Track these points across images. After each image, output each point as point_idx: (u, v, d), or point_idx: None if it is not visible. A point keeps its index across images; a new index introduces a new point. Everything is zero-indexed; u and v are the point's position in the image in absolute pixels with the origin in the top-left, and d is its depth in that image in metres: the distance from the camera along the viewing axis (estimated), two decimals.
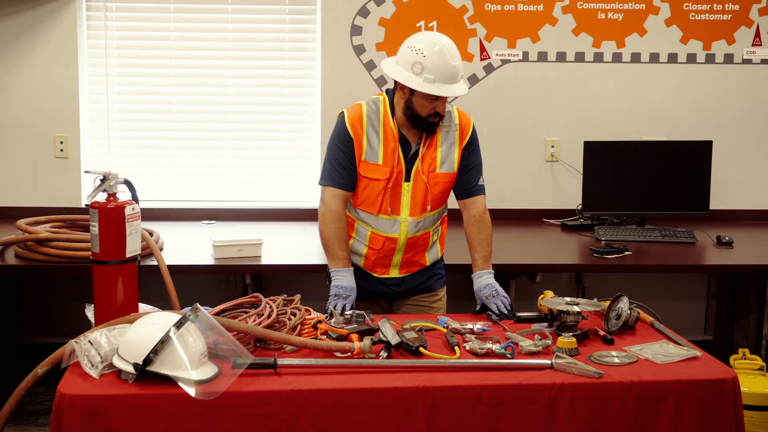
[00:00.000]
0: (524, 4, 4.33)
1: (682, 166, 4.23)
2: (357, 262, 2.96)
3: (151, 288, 2.84)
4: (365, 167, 2.84)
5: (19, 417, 3.73)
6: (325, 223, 2.89)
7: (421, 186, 2.86)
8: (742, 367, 3.45)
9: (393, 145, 2.82)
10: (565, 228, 4.27)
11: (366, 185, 2.86)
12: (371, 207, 2.89)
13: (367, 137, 2.82)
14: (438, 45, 2.71)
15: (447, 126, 2.87)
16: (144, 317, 2.20)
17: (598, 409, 2.17)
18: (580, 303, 2.54)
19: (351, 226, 2.95)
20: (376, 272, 2.98)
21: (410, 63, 2.71)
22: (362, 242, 2.94)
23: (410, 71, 2.71)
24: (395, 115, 2.83)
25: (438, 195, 2.90)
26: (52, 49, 4.20)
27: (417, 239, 2.94)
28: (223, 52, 4.36)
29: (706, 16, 4.39)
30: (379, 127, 2.83)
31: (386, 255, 2.94)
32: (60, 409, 2.02)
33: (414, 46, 2.72)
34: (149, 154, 4.42)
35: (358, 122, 2.83)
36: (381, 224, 2.90)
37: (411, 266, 3.00)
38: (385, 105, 2.85)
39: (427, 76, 2.68)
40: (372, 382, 2.15)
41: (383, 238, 2.91)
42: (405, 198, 2.86)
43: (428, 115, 2.75)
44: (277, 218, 4.35)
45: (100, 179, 2.39)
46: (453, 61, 2.71)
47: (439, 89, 2.69)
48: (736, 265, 3.73)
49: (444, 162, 2.87)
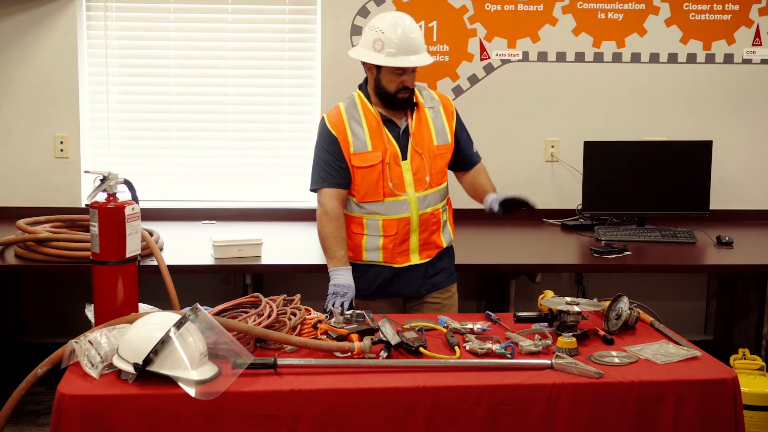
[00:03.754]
0: (524, 4, 4.33)
1: (682, 166, 4.23)
2: (376, 258, 2.97)
3: (151, 288, 2.84)
4: (357, 158, 2.91)
5: (19, 417, 3.72)
6: (321, 223, 2.94)
7: (419, 161, 2.93)
8: (742, 367, 3.45)
9: (378, 128, 2.91)
10: (565, 228, 4.27)
11: (363, 176, 2.91)
12: (375, 194, 2.92)
13: (350, 130, 2.92)
14: (395, 19, 2.87)
15: (430, 103, 2.99)
16: (144, 317, 2.20)
17: (598, 409, 2.17)
18: (580, 303, 2.54)
19: (360, 225, 2.96)
20: (397, 262, 2.97)
21: (371, 42, 2.87)
22: (376, 234, 2.95)
23: (372, 49, 2.85)
24: (372, 101, 2.95)
25: (440, 168, 2.99)
26: (52, 49, 4.20)
27: (428, 217, 2.97)
28: (223, 52, 4.35)
29: (706, 16, 4.39)
30: (359, 117, 2.94)
31: (403, 239, 2.95)
32: (60, 409, 2.02)
33: (373, 25, 2.88)
34: (149, 154, 4.41)
35: (338, 120, 2.94)
36: (390, 208, 2.92)
37: (429, 248, 3.00)
38: (360, 96, 2.99)
39: (388, 50, 2.83)
40: (372, 382, 2.15)
41: (396, 221, 2.93)
42: (407, 176, 2.93)
43: (397, 90, 2.87)
44: (277, 218, 4.35)
45: (100, 179, 2.39)
46: (411, 33, 2.85)
47: (400, 61, 2.83)
48: (736, 265, 3.72)
49: (439, 135, 2.98)
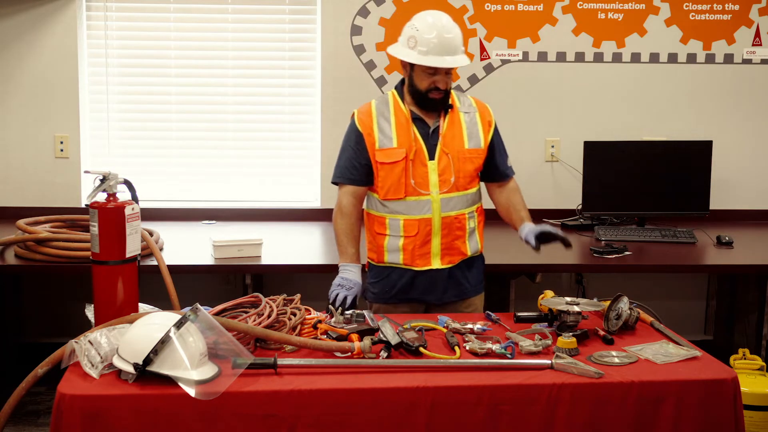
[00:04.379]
0: (524, 4, 4.33)
1: (682, 166, 4.23)
2: (396, 260, 2.93)
3: (151, 288, 2.84)
4: (381, 154, 2.89)
5: (19, 417, 3.73)
6: (335, 219, 2.97)
7: (447, 162, 2.89)
8: (742, 367, 3.45)
9: (406, 125, 2.89)
10: (565, 228, 4.26)
11: (387, 172, 2.88)
12: (397, 192, 2.88)
13: (378, 126, 2.90)
14: (431, 18, 2.84)
15: (466, 109, 2.96)
16: (144, 317, 2.20)
17: (598, 409, 2.17)
18: (580, 303, 2.54)
19: (383, 224, 2.93)
20: (418, 264, 2.92)
21: (407, 39, 2.85)
22: (397, 235, 2.91)
23: (407, 47, 2.83)
24: (405, 99, 2.93)
25: (469, 172, 2.93)
26: (52, 49, 4.20)
27: (452, 220, 2.91)
28: (223, 52, 4.35)
29: (706, 16, 4.39)
30: (389, 114, 2.91)
31: (424, 241, 2.90)
32: (60, 409, 2.02)
33: (412, 23, 2.86)
34: (149, 154, 4.41)
35: (367, 116, 2.93)
36: (411, 207, 2.89)
37: (452, 254, 2.94)
38: (394, 94, 2.96)
39: (420, 49, 2.79)
40: (372, 382, 2.15)
41: (417, 222, 2.88)
42: (432, 176, 2.88)
43: (428, 89, 2.84)
44: (277, 218, 4.35)
45: (100, 179, 2.39)
46: (446, 33, 2.81)
47: (431, 60, 2.79)
48: (736, 265, 3.72)
49: (471, 138, 2.93)
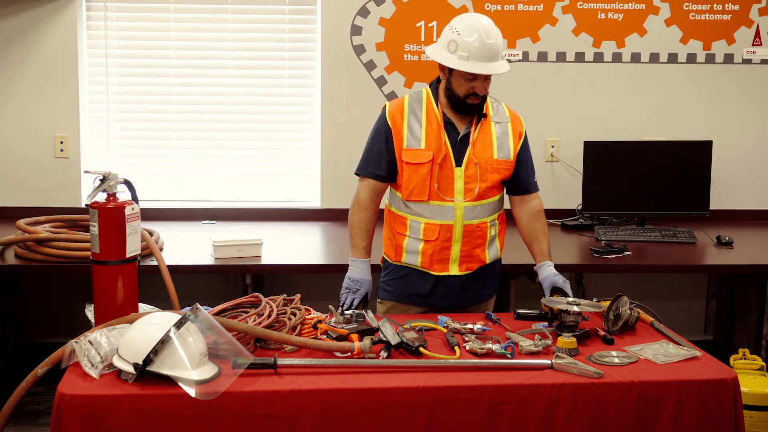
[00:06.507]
0: (524, 4, 4.33)
1: (682, 166, 4.23)
2: (414, 262, 2.90)
3: (151, 288, 2.84)
4: (407, 154, 2.84)
5: (19, 417, 3.73)
6: (352, 211, 2.94)
7: (473, 171, 2.84)
8: (742, 367, 3.45)
9: (437, 129, 2.83)
10: (565, 228, 4.27)
11: (412, 172, 2.84)
12: (421, 194, 2.84)
13: (408, 125, 2.85)
14: (473, 22, 2.76)
15: (498, 118, 2.91)
16: (144, 317, 2.20)
17: (598, 409, 2.17)
18: (580, 303, 2.54)
19: (404, 225, 2.89)
20: (435, 269, 2.89)
21: (447, 42, 2.76)
22: (417, 237, 2.87)
23: (446, 50, 2.75)
24: (439, 101, 2.86)
25: (495, 182, 2.88)
26: (52, 49, 4.20)
27: (473, 228, 2.87)
28: (223, 52, 4.35)
29: (706, 16, 4.39)
30: (421, 114, 2.86)
31: (443, 247, 2.86)
32: (60, 409, 2.02)
33: (452, 25, 2.78)
34: (149, 154, 4.41)
35: (398, 112, 2.87)
36: (434, 212, 2.84)
37: (471, 261, 2.91)
38: (428, 93, 2.90)
39: (460, 54, 2.72)
40: (372, 382, 2.15)
41: (438, 227, 2.84)
42: (458, 183, 2.83)
43: (466, 95, 2.77)
44: (277, 218, 4.34)
45: (100, 179, 2.39)
46: (488, 39, 2.73)
47: (471, 66, 2.71)
48: (736, 265, 3.72)
49: (500, 149, 2.88)
